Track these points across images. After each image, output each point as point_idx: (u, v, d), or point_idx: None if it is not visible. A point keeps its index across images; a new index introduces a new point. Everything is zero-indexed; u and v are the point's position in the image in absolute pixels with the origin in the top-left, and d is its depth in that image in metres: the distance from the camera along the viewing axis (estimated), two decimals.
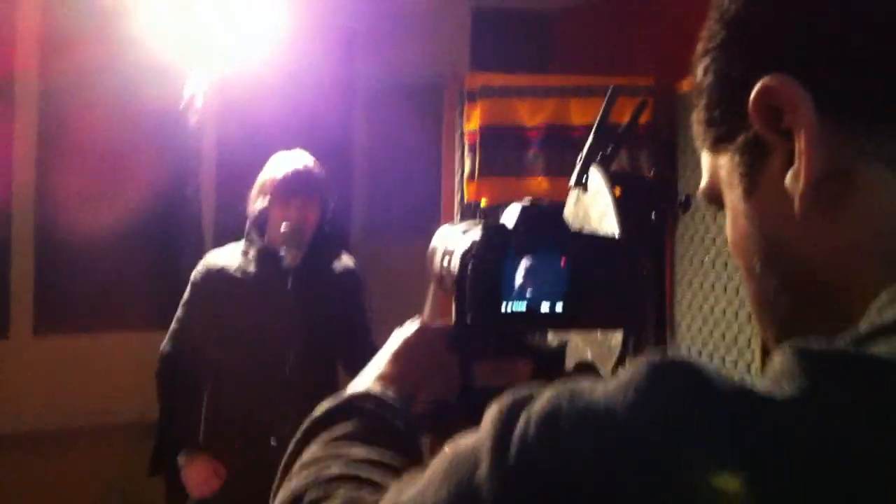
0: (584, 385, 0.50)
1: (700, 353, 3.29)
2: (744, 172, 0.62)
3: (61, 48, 4.08)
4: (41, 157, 4.14)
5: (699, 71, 0.64)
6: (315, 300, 2.98)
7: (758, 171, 0.61)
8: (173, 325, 3.06)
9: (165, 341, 3.06)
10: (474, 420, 1.03)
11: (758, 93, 0.58)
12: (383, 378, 0.98)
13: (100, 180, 4.13)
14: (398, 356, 1.02)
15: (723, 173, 0.64)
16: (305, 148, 3.12)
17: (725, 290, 3.18)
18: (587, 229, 1.81)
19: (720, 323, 3.20)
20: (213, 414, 3.03)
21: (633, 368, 0.49)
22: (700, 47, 0.65)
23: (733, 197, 0.64)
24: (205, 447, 3.00)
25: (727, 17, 0.62)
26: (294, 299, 2.90)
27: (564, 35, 4.36)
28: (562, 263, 0.99)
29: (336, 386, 3.05)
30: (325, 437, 0.87)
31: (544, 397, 0.51)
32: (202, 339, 3.02)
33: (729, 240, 0.66)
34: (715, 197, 0.66)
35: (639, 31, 3.91)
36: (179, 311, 3.06)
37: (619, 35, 4.03)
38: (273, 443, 2.81)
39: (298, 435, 0.90)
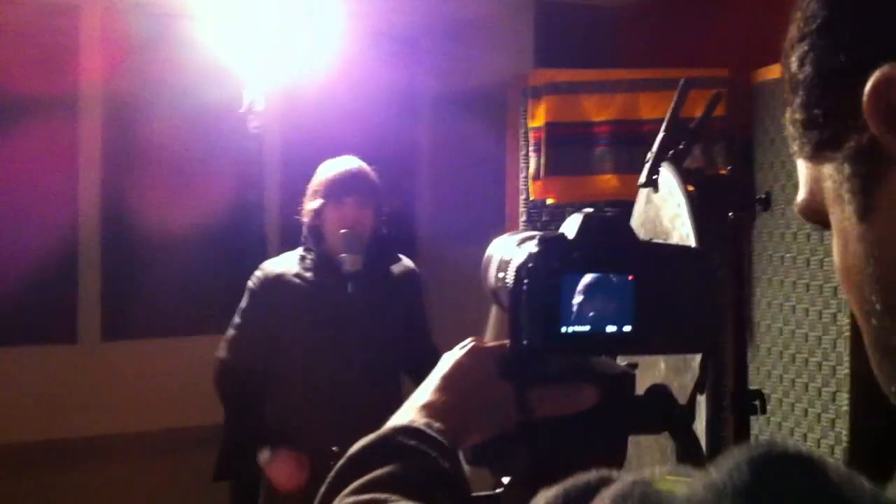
0: (661, 483, 0.39)
1: (781, 355, 3.13)
2: (857, 187, 0.49)
3: (123, 56, 4.10)
4: (106, 165, 4.18)
5: (793, 60, 0.52)
6: (376, 305, 2.92)
7: (875, 186, 0.48)
8: (230, 331, 3.02)
9: (222, 348, 3.02)
10: (532, 454, 0.94)
11: (875, 86, 0.46)
12: (429, 407, 0.89)
13: (164, 187, 4.15)
14: (447, 382, 0.92)
15: (828, 186, 0.52)
16: (369, 153, 3.08)
17: (808, 287, 3.02)
18: (657, 237, 1.70)
19: (803, 323, 3.04)
20: (276, 424, 2.98)
21: (728, 466, 0.37)
22: (793, 31, 0.52)
23: (843, 217, 0.51)
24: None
25: None
26: (355, 305, 2.83)
27: (632, 28, 4.23)
28: (629, 279, 0.89)
29: (400, 392, 2.99)
30: (362, 481, 0.77)
31: (607, 499, 0.40)
32: (260, 347, 2.97)
33: (837, 267, 0.53)
34: (816, 214, 0.54)
35: (711, 21, 3.76)
36: (236, 318, 3.02)
37: (690, 26, 3.89)
38: (335, 449, 2.74)
39: (333, 474, 0.81)
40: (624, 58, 4.13)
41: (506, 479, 0.95)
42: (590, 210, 0.92)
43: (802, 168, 0.55)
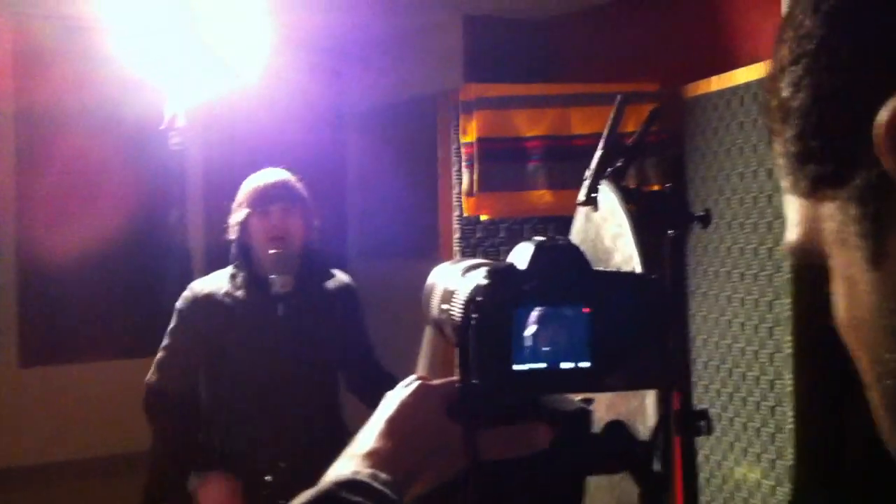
0: None
1: (719, 369, 3.13)
2: (866, 230, 0.44)
3: (36, 69, 3.95)
4: (21, 182, 4.03)
5: (784, 86, 0.46)
6: (308, 325, 2.85)
7: (888, 229, 0.43)
8: (159, 354, 2.94)
9: (151, 372, 2.93)
10: (483, 500, 0.87)
11: (892, 117, 0.40)
12: (374, 455, 0.82)
13: (82, 207, 4.02)
14: (392, 425, 0.85)
15: (829, 227, 0.46)
16: (296, 169, 3.02)
17: (743, 302, 3.02)
18: (599, 256, 1.66)
19: (739, 337, 3.04)
20: (208, 448, 2.88)
21: None
22: (783, 52, 0.46)
23: (850, 262, 0.45)
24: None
25: (828, 7, 0.44)
26: (286, 326, 2.75)
27: (563, 42, 4.21)
28: (584, 312, 0.83)
29: (337, 412, 2.91)
30: None
31: None
32: (191, 369, 2.90)
33: (841, 319, 0.47)
34: (812, 256, 0.48)
35: (642, 36, 3.76)
36: (165, 340, 2.94)
37: (621, 40, 3.88)
38: (268, 479, 2.66)
39: None
40: (555, 72, 4.11)
41: None
42: (541, 239, 0.86)
43: (794, 205, 0.49)
